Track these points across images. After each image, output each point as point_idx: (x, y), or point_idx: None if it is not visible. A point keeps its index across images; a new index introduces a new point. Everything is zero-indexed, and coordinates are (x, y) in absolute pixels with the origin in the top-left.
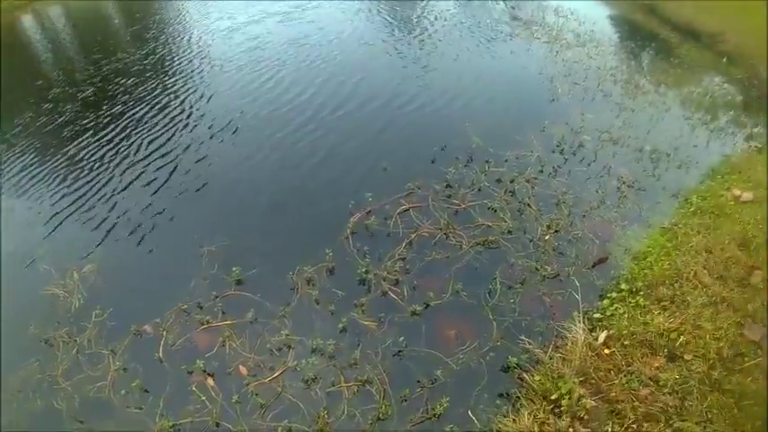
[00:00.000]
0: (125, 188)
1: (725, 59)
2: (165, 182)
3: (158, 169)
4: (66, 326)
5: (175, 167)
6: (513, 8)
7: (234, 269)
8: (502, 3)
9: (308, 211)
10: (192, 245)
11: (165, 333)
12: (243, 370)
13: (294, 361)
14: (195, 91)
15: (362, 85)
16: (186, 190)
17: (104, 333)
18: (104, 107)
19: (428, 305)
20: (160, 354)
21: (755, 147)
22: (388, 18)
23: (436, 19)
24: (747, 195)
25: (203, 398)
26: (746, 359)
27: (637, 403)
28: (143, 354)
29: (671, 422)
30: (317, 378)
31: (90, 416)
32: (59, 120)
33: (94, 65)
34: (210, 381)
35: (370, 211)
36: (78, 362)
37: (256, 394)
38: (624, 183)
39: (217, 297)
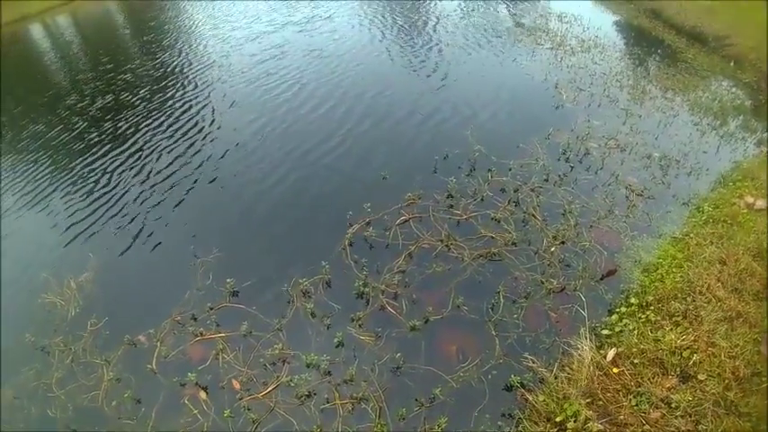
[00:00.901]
0: (125, 199)
1: (732, 63)
2: (165, 193)
3: (156, 183)
4: (61, 334)
5: (174, 180)
6: (517, 15)
7: (228, 281)
8: (505, 9)
9: (305, 222)
10: (188, 256)
11: (158, 344)
12: (236, 384)
13: (288, 376)
14: (197, 103)
15: (365, 95)
16: (183, 201)
17: (99, 342)
18: (110, 120)
19: (428, 320)
20: (153, 365)
21: (767, 152)
22: (391, 26)
23: (439, 23)
24: (761, 203)
25: (195, 411)
26: (764, 379)
27: (647, 427)
28: (136, 364)
29: None
30: (311, 394)
31: (83, 425)
32: (69, 132)
33: (103, 76)
34: (203, 394)
35: (368, 222)
36: (73, 371)
37: (249, 409)
38: (633, 191)
39: (211, 309)
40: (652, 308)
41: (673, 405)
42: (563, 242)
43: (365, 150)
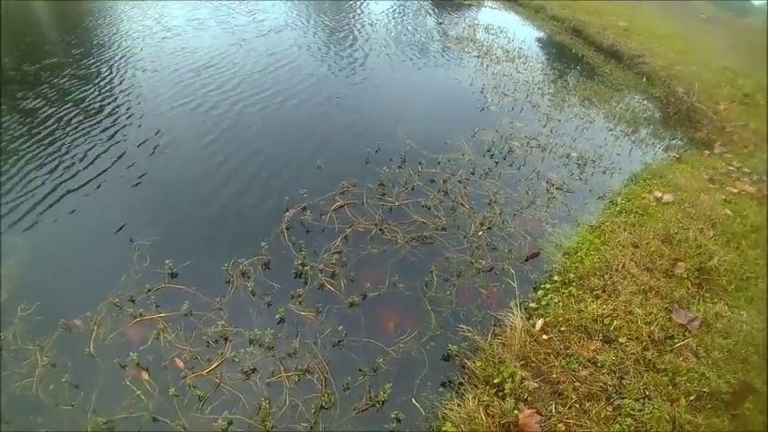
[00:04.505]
0: (54, 183)
1: (645, 79)
2: (96, 177)
3: (87, 166)
4: None
5: (106, 164)
6: (445, 24)
7: (167, 262)
8: (434, 20)
9: (243, 206)
10: (123, 240)
11: (95, 327)
12: (179, 362)
13: (232, 352)
14: (130, 93)
15: (299, 88)
16: (117, 185)
17: (31, 328)
18: (36, 109)
19: (366, 296)
20: (91, 348)
21: (674, 156)
22: (322, 29)
23: (370, 30)
24: (668, 197)
25: (138, 392)
26: (676, 341)
27: (577, 384)
28: (72, 349)
29: (611, 400)
30: (256, 369)
31: (16, 414)
32: None
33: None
34: (145, 374)
35: (305, 207)
36: (2, 359)
37: (194, 387)
38: (553, 185)
39: (150, 290)
40: (574, 284)
41: (599, 364)
42: (490, 228)
43: (300, 141)
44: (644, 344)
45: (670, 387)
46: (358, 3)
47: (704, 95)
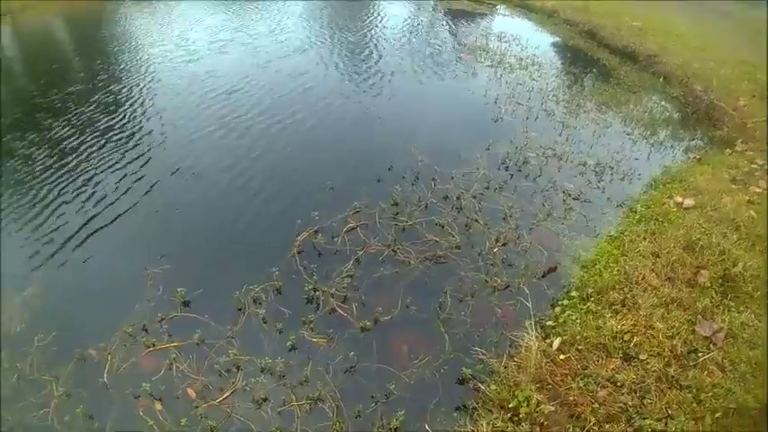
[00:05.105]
0: (67, 213)
1: (662, 79)
2: (109, 206)
3: (99, 197)
4: (6, 352)
5: (118, 193)
6: (458, 34)
7: (179, 290)
8: (447, 30)
9: (254, 231)
10: (136, 267)
11: (109, 357)
12: (191, 392)
13: (243, 381)
14: (151, 118)
15: (310, 106)
16: (129, 212)
17: (47, 358)
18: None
19: (378, 320)
20: (105, 378)
21: (694, 158)
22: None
23: (382, 41)
24: (689, 202)
25: (151, 422)
26: (701, 354)
27: (596, 405)
28: (87, 379)
29: (632, 421)
30: (268, 398)
31: None
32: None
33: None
34: (158, 404)
35: (317, 230)
36: (20, 389)
37: (206, 417)
38: (570, 195)
39: (162, 319)
40: (592, 299)
41: (618, 384)
42: (505, 244)
43: (312, 162)
44: (666, 360)
45: (694, 404)
46: (376, 18)
47: (723, 92)
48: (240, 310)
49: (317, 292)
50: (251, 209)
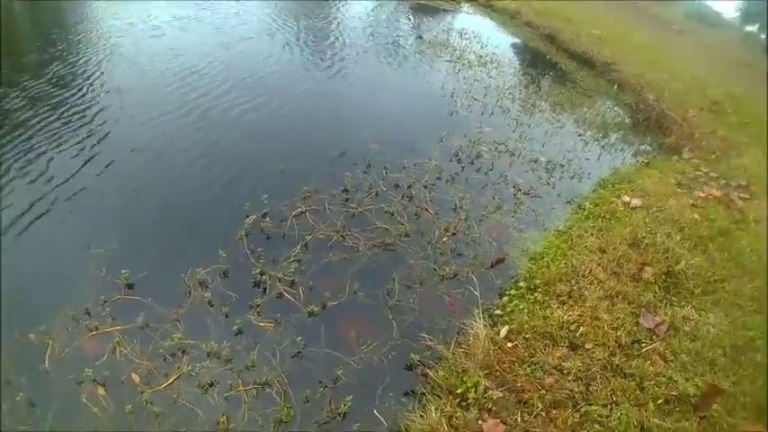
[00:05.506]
0: (14, 187)
1: (616, 86)
2: (50, 186)
3: (51, 177)
4: None
5: (68, 172)
6: (419, 29)
7: (123, 272)
8: (409, 24)
9: (201, 213)
10: (77, 249)
11: (50, 342)
12: (135, 378)
13: (189, 366)
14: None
15: (264, 91)
16: (71, 192)
17: None
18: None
19: (325, 306)
20: (46, 364)
21: (643, 162)
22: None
23: (343, 32)
24: (636, 202)
25: (94, 409)
26: (644, 345)
27: (543, 391)
28: (27, 365)
29: (578, 407)
30: (214, 383)
31: None
32: None
33: None
34: (102, 390)
35: (265, 214)
36: None
37: (151, 403)
38: (520, 190)
39: (105, 302)
40: (540, 290)
41: (564, 371)
42: (454, 234)
43: (267, 146)
44: (611, 349)
45: (638, 392)
46: (342, 7)
47: (674, 103)
48: (186, 293)
49: (264, 276)
50: (203, 192)
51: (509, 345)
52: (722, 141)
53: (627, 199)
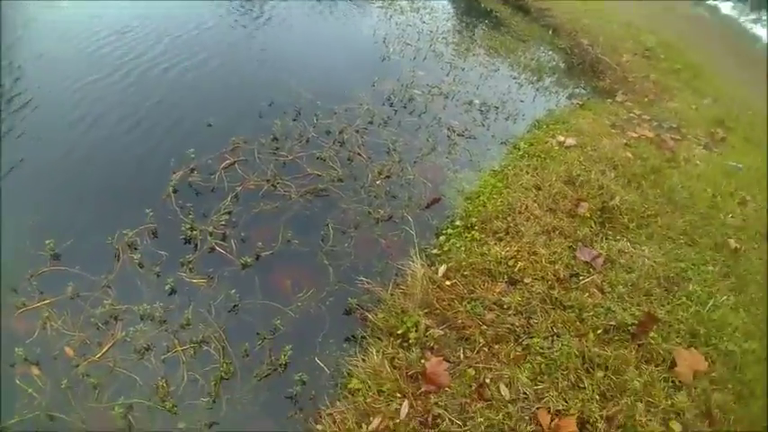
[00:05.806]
0: None
1: (551, 31)
2: None
3: None
4: None
5: None
6: None
7: (48, 242)
8: None
9: (126, 174)
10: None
11: None
12: (69, 351)
13: (123, 332)
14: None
15: (188, 40)
16: None
17: None
18: None
19: (259, 256)
20: None
21: (577, 104)
22: None
23: None
24: (571, 141)
25: (30, 390)
26: (581, 278)
27: (484, 327)
28: None
29: (520, 340)
30: (150, 347)
31: None
32: None
33: None
34: (35, 369)
35: (193, 168)
36: None
37: (87, 375)
38: (454, 132)
39: (32, 276)
40: (476, 228)
41: (505, 306)
42: (388, 176)
43: (189, 101)
44: (549, 283)
45: (578, 323)
46: None
47: (608, 48)
48: (115, 256)
49: (195, 232)
50: (127, 153)
51: (448, 283)
52: (654, 85)
53: (561, 139)
